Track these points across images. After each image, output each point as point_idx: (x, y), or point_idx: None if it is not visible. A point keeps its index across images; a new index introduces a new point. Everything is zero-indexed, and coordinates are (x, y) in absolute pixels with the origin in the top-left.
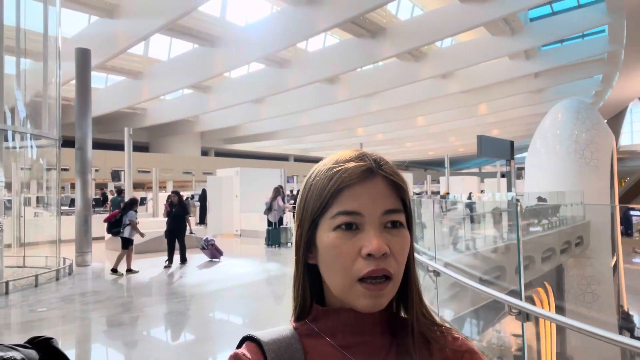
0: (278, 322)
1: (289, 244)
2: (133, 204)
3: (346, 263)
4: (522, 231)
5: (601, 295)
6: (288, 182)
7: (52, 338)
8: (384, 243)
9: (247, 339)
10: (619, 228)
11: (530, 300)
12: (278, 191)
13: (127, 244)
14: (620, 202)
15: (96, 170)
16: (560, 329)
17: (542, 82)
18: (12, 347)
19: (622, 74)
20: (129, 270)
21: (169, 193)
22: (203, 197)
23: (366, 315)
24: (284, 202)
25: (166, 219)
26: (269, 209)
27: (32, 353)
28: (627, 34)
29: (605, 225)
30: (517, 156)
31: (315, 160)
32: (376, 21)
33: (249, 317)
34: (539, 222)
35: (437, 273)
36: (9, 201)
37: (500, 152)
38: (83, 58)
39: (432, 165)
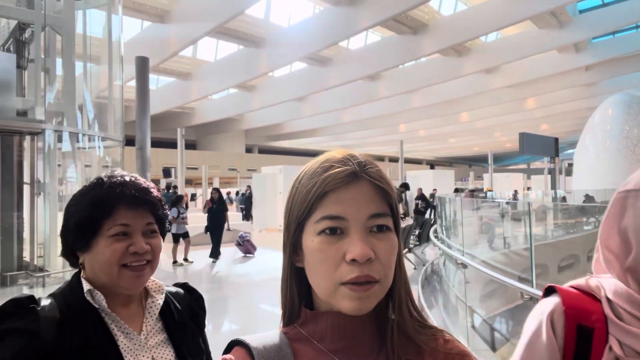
0: None
1: None
2: (177, 201)
3: (330, 268)
4: (570, 229)
5: None
6: None
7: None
8: (369, 248)
9: (236, 344)
10: None
11: None
12: None
13: (176, 238)
14: None
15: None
16: None
17: (594, 75)
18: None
19: None
20: (185, 260)
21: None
22: (249, 195)
23: (355, 319)
24: None
25: (206, 214)
26: None
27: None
28: None
29: None
30: (567, 152)
31: None
32: (418, 18)
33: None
34: (587, 220)
35: (464, 265)
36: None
37: (544, 149)
38: (142, 65)
39: (477, 162)
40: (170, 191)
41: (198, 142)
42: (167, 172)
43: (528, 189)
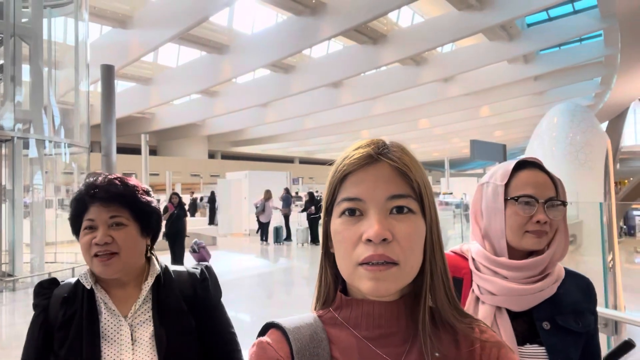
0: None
1: (282, 243)
2: None
3: (348, 248)
4: None
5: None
6: (294, 183)
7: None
8: (385, 229)
9: (271, 326)
10: (615, 226)
11: None
12: (269, 193)
13: None
14: (622, 202)
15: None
16: None
17: (542, 85)
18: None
19: (619, 77)
20: None
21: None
22: (212, 199)
23: (389, 307)
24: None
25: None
26: (262, 210)
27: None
28: (621, 39)
29: (597, 224)
30: (520, 157)
31: (321, 162)
32: (377, 29)
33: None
34: None
35: None
36: (49, 202)
37: (493, 155)
38: (108, 73)
39: (437, 167)
40: None
41: (159, 147)
42: None
43: None
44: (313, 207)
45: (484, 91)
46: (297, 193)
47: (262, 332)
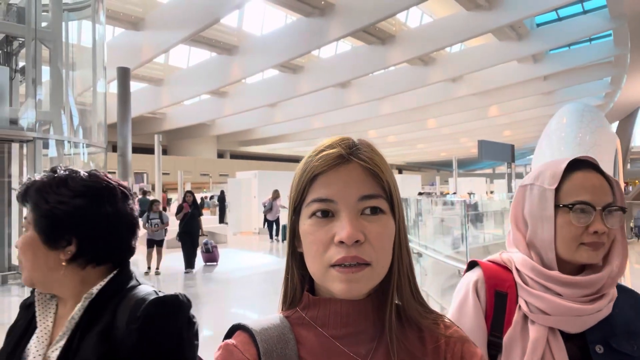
0: None
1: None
2: (149, 207)
3: (319, 250)
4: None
5: None
6: None
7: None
8: (358, 230)
9: (238, 328)
10: (624, 226)
11: None
12: (277, 193)
13: (150, 244)
14: (631, 203)
15: (113, 173)
16: None
17: (552, 84)
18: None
19: (629, 77)
20: (155, 269)
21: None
22: (222, 198)
23: (357, 305)
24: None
25: (178, 221)
26: (269, 209)
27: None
28: (630, 39)
29: None
30: (530, 157)
31: None
32: (386, 29)
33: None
34: None
35: (419, 254)
36: None
37: (501, 156)
38: (124, 76)
39: (445, 167)
40: (142, 196)
41: (169, 147)
42: (139, 177)
43: (491, 192)
44: None
45: (493, 91)
46: None
47: (229, 335)
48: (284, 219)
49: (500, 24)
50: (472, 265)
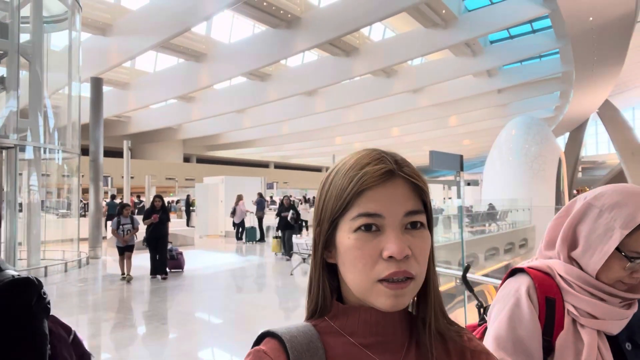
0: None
1: (255, 242)
2: (119, 211)
3: (367, 265)
4: (469, 232)
5: None
6: (268, 188)
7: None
8: (406, 245)
9: (267, 335)
10: None
11: (482, 295)
12: (240, 198)
13: (120, 251)
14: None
15: (82, 176)
16: None
17: (506, 97)
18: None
19: (575, 92)
20: (127, 274)
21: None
22: (188, 202)
23: (387, 314)
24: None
25: (145, 226)
26: (233, 212)
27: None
28: (574, 57)
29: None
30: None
31: (296, 167)
32: (350, 42)
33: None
34: (489, 224)
35: None
36: (42, 203)
37: (450, 165)
38: (97, 85)
39: None
40: (111, 200)
41: (134, 150)
42: (104, 181)
43: (449, 198)
44: (291, 212)
45: (452, 102)
46: (271, 197)
47: (258, 342)
48: (250, 223)
49: (455, 42)
50: (514, 272)
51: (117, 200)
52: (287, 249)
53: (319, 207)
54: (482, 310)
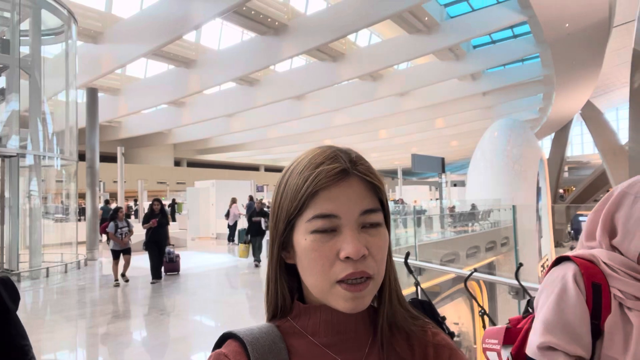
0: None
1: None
2: (114, 215)
3: (325, 266)
4: (454, 230)
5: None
6: (258, 191)
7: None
8: (362, 245)
9: (228, 337)
10: (551, 229)
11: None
12: (234, 200)
13: (115, 254)
14: (568, 208)
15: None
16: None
17: (490, 100)
18: None
19: (557, 94)
20: (122, 276)
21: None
22: (172, 205)
23: (347, 313)
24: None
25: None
26: (226, 215)
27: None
28: (554, 61)
29: (530, 227)
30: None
31: None
32: (337, 48)
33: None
34: (472, 224)
35: None
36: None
37: (432, 167)
38: (92, 95)
39: (393, 174)
40: (105, 205)
41: (125, 155)
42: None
43: (437, 199)
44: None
45: (438, 105)
46: (260, 201)
47: (219, 344)
48: (242, 224)
49: (438, 47)
50: (559, 260)
51: (113, 205)
52: (257, 255)
53: (275, 207)
54: (526, 303)
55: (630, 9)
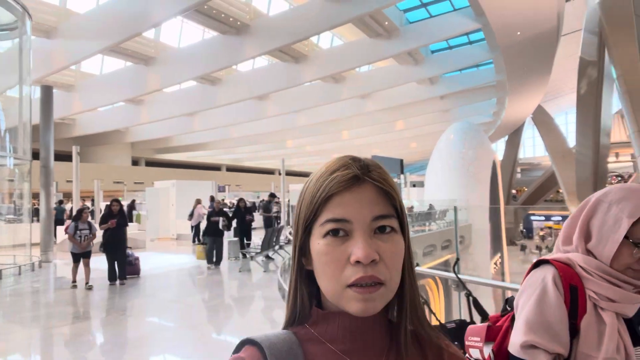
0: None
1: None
2: (76, 216)
3: (336, 270)
4: (412, 230)
5: (482, 288)
6: (220, 191)
7: None
8: (373, 250)
9: (246, 343)
10: (504, 231)
11: (422, 289)
12: (199, 201)
13: (75, 257)
14: (520, 208)
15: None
16: None
17: (448, 103)
18: None
19: (510, 99)
20: (86, 284)
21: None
22: (131, 206)
23: (366, 320)
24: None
25: (102, 231)
26: (190, 215)
27: None
28: (506, 67)
29: (484, 226)
30: None
31: (248, 170)
32: (299, 49)
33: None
34: (429, 223)
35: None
36: None
37: (391, 168)
38: (47, 93)
39: None
40: (58, 205)
41: (80, 153)
42: None
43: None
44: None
45: (397, 107)
46: (222, 200)
47: (237, 349)
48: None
49: (398, 51)
50: (538, 263)
51: (68, 206)
52: (216, 257)
53: (296, 215)
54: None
55: (577, 19)
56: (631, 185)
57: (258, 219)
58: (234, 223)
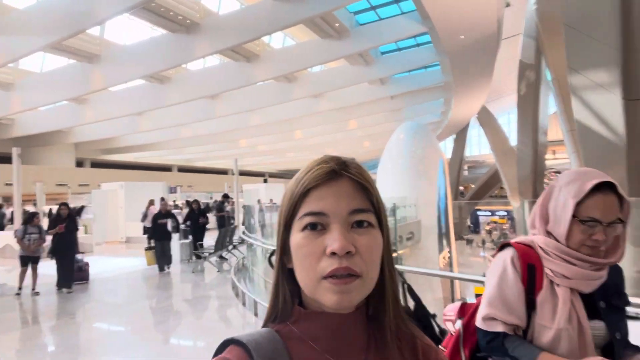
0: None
1: None
2: (27, 220)
3: (312, 262)
4: None
5: (432, 280)
6: (171, 192)
7: None
8: (349, 242)
9: (230, 343)
10: (452, 225)
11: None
12: (152, 202)
13: (23, 261)
14: (467, 204)
15: None
16: None
17: (398, 103)
18: None
19: (456, 99)
20: (32, 290)
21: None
22: (80, 210)
23: (347, 319)
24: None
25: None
26: (144, 217)
27: None
28: (451, 69)
29: (432, 222)
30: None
31: (200, 171)
32: (251, 49)
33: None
34: None
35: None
36: None
37: None
38: None
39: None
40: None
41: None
42: None
43: None
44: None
45: (350, 107)
46: (174, 201)
47: (220, 349)
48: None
49: (348, 52)
50: (503, 246)
51: (9, 210)
52: (165, 260)
53: (279, 213)
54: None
55: (517, 24)
56: (579, 169)
57: (212, 220)
58: (188, 225)
